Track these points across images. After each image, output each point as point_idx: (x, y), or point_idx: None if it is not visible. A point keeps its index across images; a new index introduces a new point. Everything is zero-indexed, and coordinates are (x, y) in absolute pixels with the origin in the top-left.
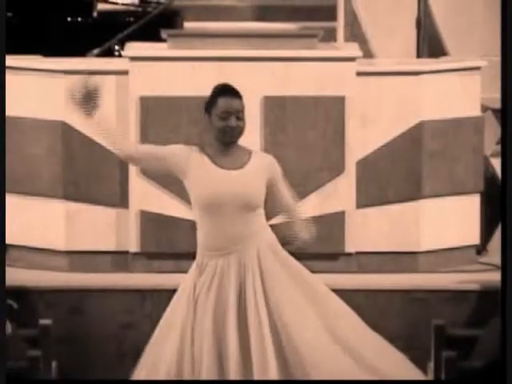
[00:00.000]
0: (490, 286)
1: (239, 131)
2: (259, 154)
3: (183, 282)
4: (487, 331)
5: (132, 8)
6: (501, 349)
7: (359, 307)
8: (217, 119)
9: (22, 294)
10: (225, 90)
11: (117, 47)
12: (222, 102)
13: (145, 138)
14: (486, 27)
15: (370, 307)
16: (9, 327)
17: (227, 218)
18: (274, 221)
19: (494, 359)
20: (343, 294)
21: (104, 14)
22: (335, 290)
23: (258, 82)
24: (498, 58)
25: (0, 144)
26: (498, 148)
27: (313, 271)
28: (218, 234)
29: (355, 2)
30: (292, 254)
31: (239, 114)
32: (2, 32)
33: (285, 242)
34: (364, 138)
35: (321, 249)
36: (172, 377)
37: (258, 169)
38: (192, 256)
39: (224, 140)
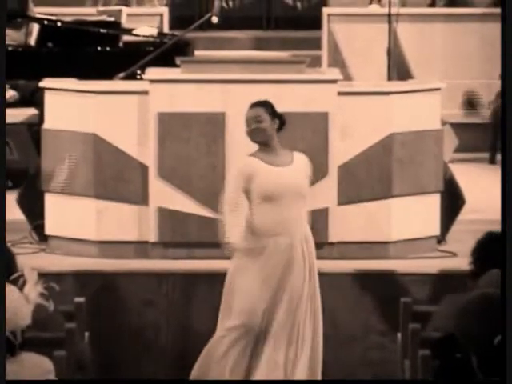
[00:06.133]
0: (448, 270)
1: (259, 131)
2: (298, 154)
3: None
4: (442, 306)
5: (151, 39)
6: (501, 347)
7: (340, 287)
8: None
9: (61, 276)
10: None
11: (139, 72)
12: (246, 114)
13: (162, 147)
14: (444, 56)
15: (349, 287)
16: (51, 305)
17: (283, 204)
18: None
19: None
20: (327, 276)
21: (128, 45)
22: (320, 274)
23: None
24: (455, 81)
25: (0, 144)
26: (455, 155)
27: None
28: (275, 218)
29: (337, 34)
30: None
31: (258, 118)
32: (2, 36)
33: None
34: (344, 147)
35: None
36: None
37: (302, 165)
38: (201, 245)
39: (255, 141)
